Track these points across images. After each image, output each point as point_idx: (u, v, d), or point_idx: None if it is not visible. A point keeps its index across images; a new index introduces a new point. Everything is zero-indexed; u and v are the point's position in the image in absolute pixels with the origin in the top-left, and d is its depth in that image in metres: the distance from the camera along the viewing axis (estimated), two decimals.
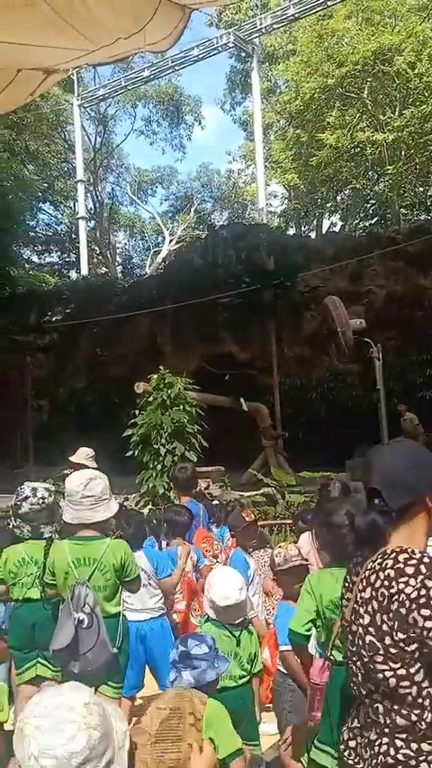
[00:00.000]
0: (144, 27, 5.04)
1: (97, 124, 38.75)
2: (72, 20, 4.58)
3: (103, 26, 4.88)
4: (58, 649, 3.44)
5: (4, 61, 5.60)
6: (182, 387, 9.55)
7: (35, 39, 5.11)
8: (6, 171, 25.44)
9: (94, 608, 3.38)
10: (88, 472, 3.64)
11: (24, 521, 3.84)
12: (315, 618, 2.83)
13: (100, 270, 37.11)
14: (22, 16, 4.41)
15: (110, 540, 3.53)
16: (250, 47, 28.17)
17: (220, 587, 3.28)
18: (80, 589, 3.41)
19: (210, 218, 41.39)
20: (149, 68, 29.38)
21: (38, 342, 21.42)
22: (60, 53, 5.85)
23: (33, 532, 3.85)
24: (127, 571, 3.53)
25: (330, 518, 2.96)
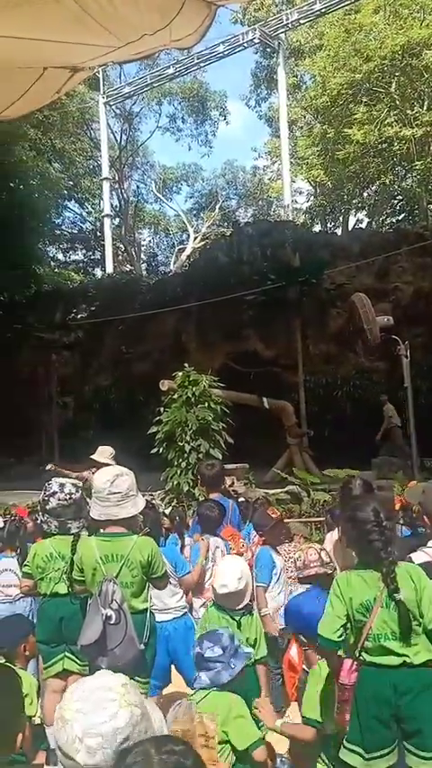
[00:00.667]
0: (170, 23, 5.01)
1: (122, 122, 38.87)
2: (98, 16, 4.56)
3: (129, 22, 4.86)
4: (86, 645, 3.47)
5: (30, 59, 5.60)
6: (207, 384, 9.52)
7: (61, 35, 5.11)
8: (32, 169, 25.60)
9: (122, 604, 3.39)
10: (115, 469, 3.64)
11: (52, 516, 3.85)
12: (346, 622, 2.79)
13: (125, 267, 37.22)
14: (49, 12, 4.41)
15: (137, 536, 3.52)
16: (276, 42, 28.00)
17: (220, 576, 3.50)
18: (108, 585, 3.41)
19: (235, 216, 41.27)
20: (175, 65, 29.36)
21: (63, 339, 21.54)
22: (86, 50, 5.84)
23: (61, 528, 3.87)
24: (154, 568, 3.52)
25: (356, 514, 2.92)
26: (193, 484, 8.96)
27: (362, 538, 2.85)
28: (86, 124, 35.17)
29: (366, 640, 2.76)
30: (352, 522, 2.93)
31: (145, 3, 4.72)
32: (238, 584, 3.42)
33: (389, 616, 2.73)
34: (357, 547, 2.95)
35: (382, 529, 2.79)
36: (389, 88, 26.04)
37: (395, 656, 2.73)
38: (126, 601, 3.41)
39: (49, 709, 3.89)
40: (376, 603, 2.74)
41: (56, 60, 6.20)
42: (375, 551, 2.78)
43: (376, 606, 2.74)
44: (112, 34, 5.21)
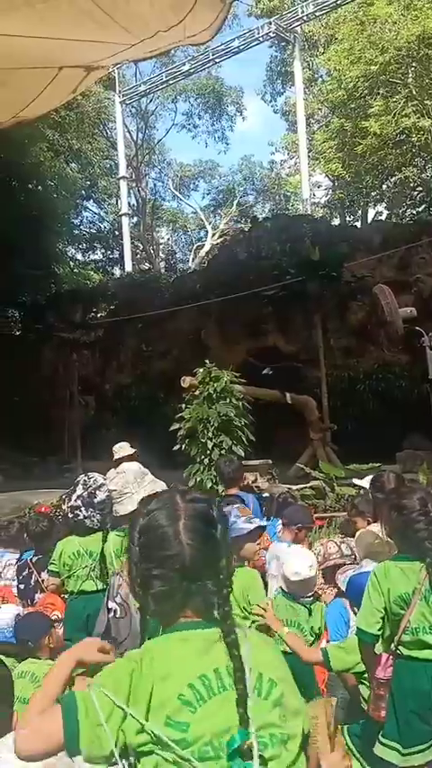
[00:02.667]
0: (184, 19, 4.97)
1: (139, 120, 38.93)
2: (112, 12, 4.54)
3: (143, 19, 4.83)
4: (96, 635, 3.51)
5: (45, 58, 5.61)
6: (228, 380, 9.48)
7: (75, 33, 5.10)
8: (50, 170, 25.75)
9: (126, 598, 3.41)
10: (120, 467, 3.68)
11: (97, 510, 3.86)
12: (384, 614, 2.74)
13: (143, 266, 37.30)
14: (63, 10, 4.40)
15: None
16: (292, 36, 27.83)
17: (291, 564, 3.61)
18: (115, 579, 3.47)
19: (252, 211, 41.16)
20: (190, 62, 29.32)
21: (83, 339, 21.66)
22: (101, 48, 5.83)
23: (102, 522, 3.88)
24: None
25: (402, 502, 2.86)
26: (216, 480, 8.92)
27: (407, 527, 2.79)
28: (103, 124, 35.28)
29: (404, 633, 2.71)
30: (397, 511, 2.87)
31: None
32: (309, 572, 3.55)
33: (428, 609, 2.67)
34: (400, 536, 2.89)
35: (429, 519, 2.73)
36: (405, 79, 25.74)
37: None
38: (131, 595, 3.44)
39: None
40: (415, 596, 2.69)
41: (71, 59, 6.20)
42: (419, 541, 2.72)
43: (415, 599, 2.68)
44: (126, 31, 5.19)
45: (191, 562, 1.42)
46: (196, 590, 1.43)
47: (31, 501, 11.12)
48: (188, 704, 1.35)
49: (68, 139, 27.31)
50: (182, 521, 1.46)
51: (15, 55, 5.08)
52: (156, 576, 1.44)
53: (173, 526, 1.45)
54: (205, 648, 1.41)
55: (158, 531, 1.46)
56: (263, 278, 17.31)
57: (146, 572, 1.46)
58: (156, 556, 1.45)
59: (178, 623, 1.45)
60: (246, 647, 1.42)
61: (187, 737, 1.33)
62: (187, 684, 1.37)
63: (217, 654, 1.41)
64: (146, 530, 1.49)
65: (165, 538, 1.45)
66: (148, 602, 1.48)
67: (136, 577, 1.49)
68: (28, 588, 4.73)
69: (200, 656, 1.41)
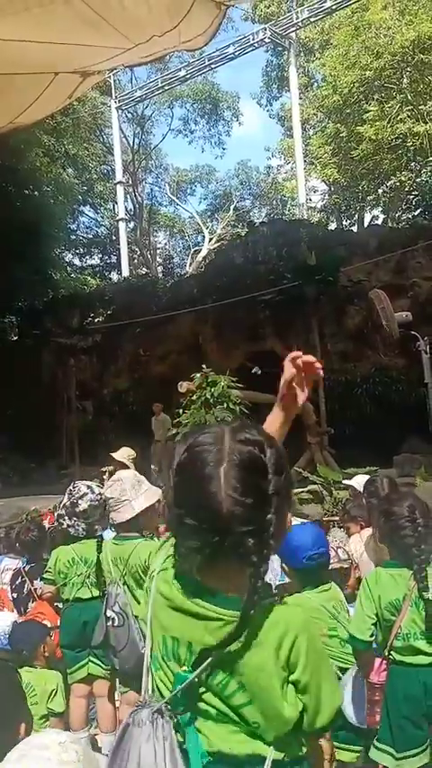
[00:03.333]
0: (179, 24, 4.99)
1: (135, 126, 39.03)
2: (107, 16, 4.56)
3: (138, 23, 4.86)
4: (96, 646, 3.54)
5: (42, 64, 5.62)
6: (225, 385, 9.49)
7: (71, 37, 5.11)
8: (46, 176, 25.78)
9: (124, 607, 3.44)
10: (117, 475, 3.70)
11: (81, 519, 3.88)
12: (376, 621, 2.75)
13: (141, 271, 37.34)
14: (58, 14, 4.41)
15: (140, 540, 3.55)
16: (287, 41, 27.93)
17: None
18: (112, 588, 3.50)
19: (249, 216, 41.24)
20: (186, 68, 29.40)
21: (81, 344, 21.66)
22: (96, 52, 5.84)
23: (89, 530, 3.90)
24: None
25: (392, 509, 2.88)
26: None
27: (395, 533, 2.82)
28: (99, 129, 35.35)
29: (395, 639, 2.73)
30: (386, 517, 2.90)
31: (154, 3, 4.71)
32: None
33: (418, 615, 2.69)
34: (390, 542, 2.92)
35: (415, 525, 2.76)
36: (400, 84, 25.86)
37: (424, 656, 2.70)
38: (129, 604, 3.44)
39: (75, 714, 3.90)
40: (405, 602, 2.70)
41: (66, 64, 6.21)
42: (407, 548, 2.75)
43: (405, 605, 2.70)
44: (121, 35, 5.20)
45: (227, 514, 1.22)
46: (229, 546, 1.23)
47: (30, 507, 11.09)
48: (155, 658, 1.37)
49: (65, 145, 27.35)
50: (224, 464, 1.25)
51: (12, 60, 5.09)
52: (187, 525, 1.25)
53: (214, 470, 1.25)
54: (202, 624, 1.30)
55: (196, 472, 1.25)
56: (260, 282, 17.32)
57: (178, 517, 1.28)
58: (189, 501, 1.26)
59: (195, 583, 1.31)
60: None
61: None
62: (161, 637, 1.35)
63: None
64: (183, 469, 1.29)
65: (201, 482, 1.24)
66: (179, 549, 1.34)
67: (170, 520, 1.35)
68: (21, 597, 4.72)
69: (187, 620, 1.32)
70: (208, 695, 1.28)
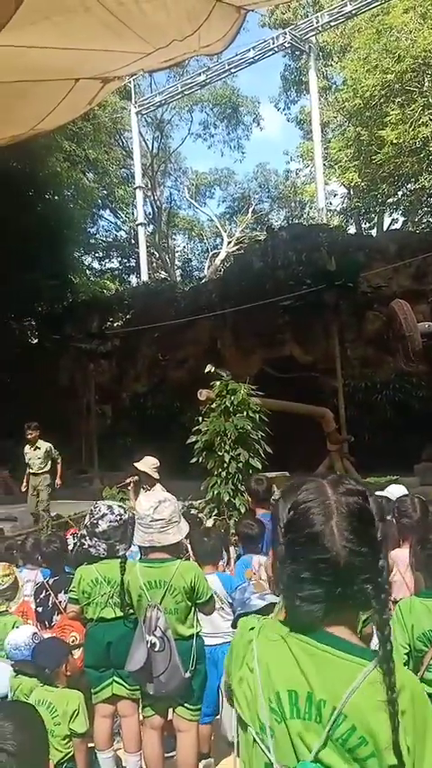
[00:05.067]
0: (199, 28, 4.92)
1: (154, 130, 39.14)
2: (127, 21, 4.50)
3: (158, 28, 4.79)
4: (134, 671, 3.45)
5: (63, 70, 5.58)
6: (245, 393, 9.39)
7: (92, 43, 5.06)
8: (67, 180, 25.91)
9: (166, 631, 3.35)
10: (158, 494, 3.62)
11: (101, 539, 3.82)
12: (409, 650, 2.65)
13: (160, 274, 37.39)
14: (79, 21, 4.37)
15: (180, 562, 3.46)
16: (306, 45, 27.84)
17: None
18: (152, 612, 3.39)
19: (267, 219, 41.17)
20: (205, 72, 29.40)
21: (100, 348, 21.67)
22: (116, 58, 5.78)
23: (109, 551, 3.84)
24: (198, 593, 3.45)
25: (428, 536, 2.77)
26: (233, 494, 8.84)
27: (430, 562, 2.71)
28: (119, 134, 35.51)
29: (427, 671, 2.62)
30: (421, 545, 2.79)
31: (174, 8, 4.64)
32: None
33: None
34: (426, 571, 2.80)
35: None
36: (422, 87, 25.63)
37: None
38: (170, 627, 3.36)
39: (99, 734, 3.84)
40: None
41: (87, 70, 6.15)
42: None
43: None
44: (141, 40, 5.13)
45: (345, 566, 1.27)
46: (350, 595, 1.28)
47: (50, 512, 11.09)
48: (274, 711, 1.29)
49: (85, 150, 27.46)
50: (335, 518, 1.30)
51: (33, 68, 5.06)
52: (305, 579, 1.28)
53: (326, 525, 1.29)
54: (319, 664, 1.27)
55: (308, 529, 1.29)
56: (279, 287, 17.22)
57: (293, 573, 1.30)
58: (305, 557, 1.29)
59: (321, 632, 1.30)
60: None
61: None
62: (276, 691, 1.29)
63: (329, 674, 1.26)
64: (294, 526, 1.32)
65: (316, 538, 1.28)
66: (294, 604, 1.31)
67: (281, 576, 1.34)
68: (46, 610, 4.68)
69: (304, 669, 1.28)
70: (331, 745, 1.25)
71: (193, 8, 4.50)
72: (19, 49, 4.45)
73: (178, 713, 3.56)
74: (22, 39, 4.22)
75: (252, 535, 4.68)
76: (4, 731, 1.58)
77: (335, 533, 1.28)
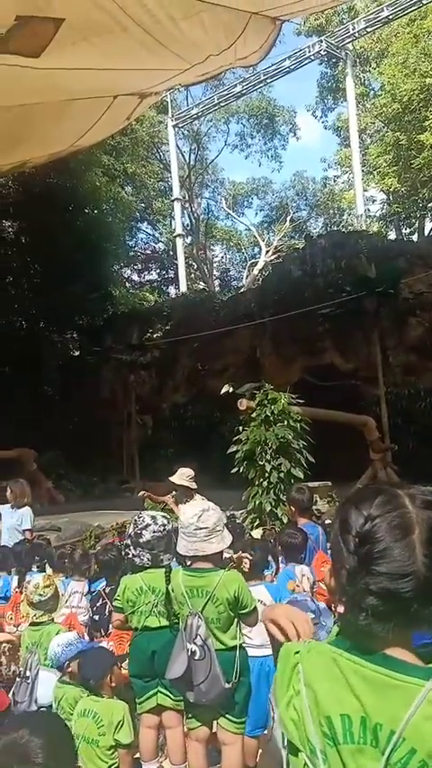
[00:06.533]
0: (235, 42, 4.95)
1: (191, 142, 39.47)
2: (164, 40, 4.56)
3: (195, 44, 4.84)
4: (174, 678, 3.44)
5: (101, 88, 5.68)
6: (285, 402, 9.35)
7: (129, 63, 5.14)
8: (105, 194, 26.28)
9: (206, 640, 3.34)
10: (202, 503, 3.60)
11: (145, 549, 3.84)
12: None
13: (198, 285, 37.59)
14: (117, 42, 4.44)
15: (223, 572, 3.44)
16: (343, 52, 27.76)
17: None
18: (193, 620, 3.38)
19: (306, 227, 41.04)
20: (241, 83, 29.55)
21: (140, 359, 21.88)
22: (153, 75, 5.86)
23: (153, 561, 3.85)
24: (242, 604, 3.42)
25: None
26: (275, 504, 8.80)
27: None
28: (156, 147, 35.93)
29: None
30: None
31: (210, 24, 4.67)
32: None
33: None
34: None
35: None
36: None
37: None
38: (211, 637, 3.35)
39: (144, 745, 3.84)
40: None
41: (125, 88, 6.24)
42: None
43: None
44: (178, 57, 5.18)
45: (425, 582, 1.20)
46: (422, 615, 1.22)
47: (92, 523, 11.17)
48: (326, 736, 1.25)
49: (123, 164, 27.86)
50: (416, 531, 1.23)
51: (73, 87, 5.16)
52: (377, 594, 1.22)
53: (407, 538, 1.23)
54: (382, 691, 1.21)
55: (385, 542, 1.23)
56: (318, 295, 17.12)
57: (365, 587, 1.23)
58: (382, 571, 1.22)
59: (377, 654, 1.24)
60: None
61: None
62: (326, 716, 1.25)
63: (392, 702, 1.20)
64: (370, 538, 1.25)
65: (394, 552, 1.22)
66: (358, 619, 1.25)
67: (347, 588, 1.27)
68: (102, 619, 4.73)
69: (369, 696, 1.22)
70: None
71: (229, 23, 4.53)
72: (59, 71, 4.55)
73: (222, 725, 3.53)
74: (63, 60, 4.32)
75: (295, 545, 4.64)
76: (33, 744, 1.59)
77: (416, 547, 1.22)
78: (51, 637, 4.02)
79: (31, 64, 4.23)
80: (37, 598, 4.25)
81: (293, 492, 5.50)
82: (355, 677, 1.24)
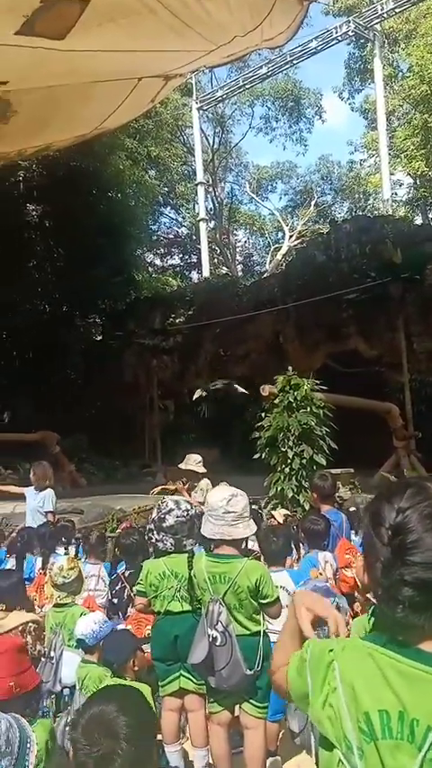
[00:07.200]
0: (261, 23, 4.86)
1: (215, 125, 39.14)
2: (190, 21, 4.49)
3: (221, 25, 4.76)
4: (195, 663, 3.46)
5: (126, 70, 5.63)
6: (308, 389, 9.29)
7: (155, 44, 5.08)
8: (129, 178, 26.20)
9: (227, 626, 3.36)
10: (230, 488, 3.61)
11: (168, 534, 3.85)
12: None
13: (221, 270, 37.44)
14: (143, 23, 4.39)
15: (246, 560, 3.44)
16: (371, 33, 27.26)
17: None
18: (214, 606, 3.41)
19: (331, 211, 40.60)
20: (267, 65, 29.19)
21: (162, 344, 21.90)
22: (179, 57, 5.78)
23: (176, 545, 3.86)
24: (262, 594, 3.43)
25: None
26: (297, 490, 8.78)
27: None
28: (180, 130, 35.67)
29: None
30: None
31: (236, 5, 4.59)
32: None
33: None
34: None
35: None
36: None
37: None
38: (232, 623, 3.36)
39: (167, 727, 3.87)
40: None
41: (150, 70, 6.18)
42: None
43: None
44: (204, 39, 5.11)
45: None
46: None
47: (114, 506, 11.26)
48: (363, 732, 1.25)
49: (147, 147, 27.71)
50: None
51: (98, 69, 5.12)
52: (413, 585, 1.24)
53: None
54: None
55: (418, 532, 1.26)
56: (342, 280, 16.95)
57: (400, 577, 1.26)
58: (414, 561, 1.25)
59: (413, 649, 1.25)
60: None
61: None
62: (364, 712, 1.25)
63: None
64: (404, 529, 1.28)
65: (427, 541, 1.25)
66: (395, 611, 1.27)
67: (383, 581, 1.29)
68: (121, 602, 4.76)
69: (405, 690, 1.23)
70: (426, 766, 1.22)
71: (255, 3, 4.45)
72: (84, 53, 4.51)
73: (245, 710, 3.55)
74: (88, 42, 4.28)
75: (318, 531, 4.63)
76: (120, 720, 1.59)
77: None
78: (75, 618, 4.05)
79: (55, 46, 4.20)
80: (61, 580, 4.30)
81: (316, 478, 5.48)
82: (392, 672, 1.25)
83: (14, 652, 2.31)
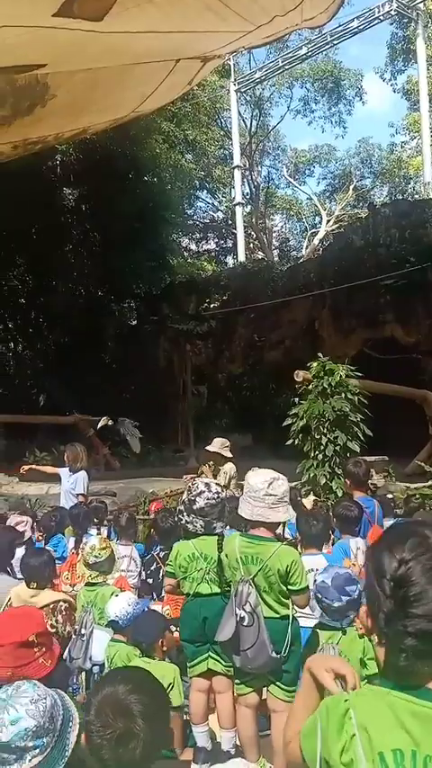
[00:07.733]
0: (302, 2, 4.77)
1: (253, 108, 38.70)
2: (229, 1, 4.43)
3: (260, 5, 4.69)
4: (222, 642, 3.49)
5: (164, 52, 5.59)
6: (343, 374, 9.20)
7: (194, 25, 5.03)
8: (165, 162, 26.11)
9: (255, 608, 3.39)
10: (271, 471, 3.63)
11: (198, 516, 3.87)
12: None
13: (257, 255, 37.19)
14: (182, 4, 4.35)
15: (280, 544, 3.45)
16: (414, 12, 26.57)
17: None
18: (243, 587, 3.43)
19: (370, 196, 39.91)
20: (306, 45, 28.70)
21: (197, 329, 21.92)
22: (218, 38, 5.72)
23: (206, 528, 3.88)
24: (292, 579, 3.43)
25: None
26: (330, 477, 8.73)
27: None
28: (217, 113, 35.35)
29: None
30: None
31: None
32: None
33: None
34: None
35: None
36: None
37: None
38: (261, 605, 3.38)
39: (195, 707, 3.92)
40: None
41: (188, 51, 6.13)
42: None
43: None
44: (243, 18, 5.04)
45: None
46: None
47: (147, 489, 11.39)
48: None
49: (184, 130, 27.53)
50: None
51: (136, 51, 5.10)
52: (416, 635, 1.27)
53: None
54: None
55: (420, 585, 1.29)
56: (381, 266, 16.71)
57: (403, 628, 1.29)
58: (417, 613, 1.28)
59: (424, 689, 1.29)
60: None
61: None
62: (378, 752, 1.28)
63: None
64: (406, 582, 1.30)
65: (430, 594, 1.28)
66: (399, 659, 1.30)
67: (386, 631, 1.33)
68: (156, 582, 4.81)
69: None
70: None
71: None
72: (123, 34, 4.49)
73: (272, 692, 3.57)
74: (126, 24, 4.26)
75: (351, 517, 4.63)
76: (133, 700, 1.61)
77: None
78: (106, 597, 4.11)
79: (94, 28, 4.19)
80: (92, 559, 4.37)
81: (350, 465, 5.45)
82: (404, 712, 1.28)
83: (14, 647, 2.33)
